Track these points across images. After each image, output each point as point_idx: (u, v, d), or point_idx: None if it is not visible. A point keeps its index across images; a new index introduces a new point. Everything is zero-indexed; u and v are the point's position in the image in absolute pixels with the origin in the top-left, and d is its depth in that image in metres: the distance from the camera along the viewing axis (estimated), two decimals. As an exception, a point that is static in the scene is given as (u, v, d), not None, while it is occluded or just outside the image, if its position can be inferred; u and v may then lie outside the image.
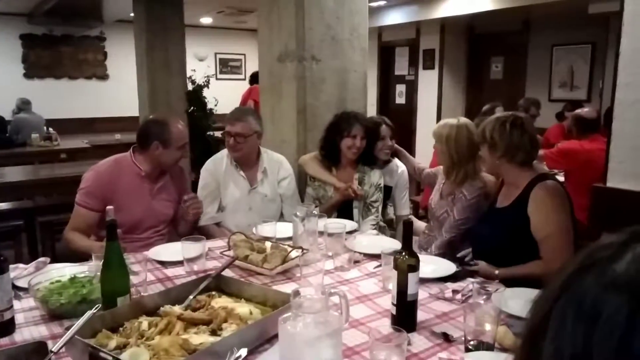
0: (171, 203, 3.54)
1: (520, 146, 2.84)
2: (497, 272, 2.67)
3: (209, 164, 3.86)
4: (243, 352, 1.71)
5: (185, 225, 3.53)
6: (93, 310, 1.82)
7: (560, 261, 2.57)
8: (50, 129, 9.48)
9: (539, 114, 6.88)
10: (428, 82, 11.14)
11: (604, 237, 0.64)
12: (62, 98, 11.97)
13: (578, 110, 5.58)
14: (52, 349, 1.66)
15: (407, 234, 2.08)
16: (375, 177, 3.90)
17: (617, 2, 3.16)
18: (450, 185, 3.50)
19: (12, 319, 2.02)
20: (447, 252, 3.27)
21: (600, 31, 8.22)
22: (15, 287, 2.22)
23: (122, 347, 1.75)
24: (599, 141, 4.80)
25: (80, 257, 3.06)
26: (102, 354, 1.61)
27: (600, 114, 5.63)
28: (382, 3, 9.91)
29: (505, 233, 2.86)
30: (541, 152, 5.57)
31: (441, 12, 9.53)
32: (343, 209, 3.83)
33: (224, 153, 3.83)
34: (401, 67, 12.12)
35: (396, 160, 4.16)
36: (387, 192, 4.07)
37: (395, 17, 10.49)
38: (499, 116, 3.00)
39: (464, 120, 3.55)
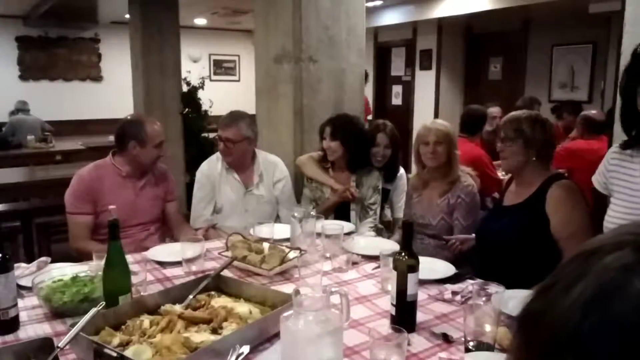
0: (157, 201, 3.60)
1: (550, 144, 2.90)
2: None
3: (203, 167, 3.87)
4: (245, 349, 1.72)
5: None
6: (98, 308, 1.84)
7: None
8: (47, 132, 9.47)
9: (539, 111, 6.85)
10: (425, 82, 11.11)
11: (604, 253, 0.63)
12: (56, 100, 11.97)
13: (586, 112, 5.57)
14: (59, 345, 1.68)
15: (407, 234, 2.09)
16: (373, 179, 3.88)
17: (618, 1, 3.14)
18: (437, 189, 3.49)
19: (16, 317, 2.04)
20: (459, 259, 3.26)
21: (601, 31, 8.18)
22: (18, 286, 2.23)
23: (124, 345, 1.77)
24: (605, 143, 4.81)
25: (78, 258, 3.07)
26: (106, 351, 1.62)
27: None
28: (378, 3, 9.90)
29: (516, 231, 2.85)
30: None
31: (438, 12, 9.49)
32: (340, 211, 3.82)
33: (218, 155, 3.83)
34: (397, 67, 12.10)
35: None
36: (385, 195, 4.05)
37: (391, 17, 10.47)
38: (530, 113, 2.99)
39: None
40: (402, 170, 4.18)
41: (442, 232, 3.45)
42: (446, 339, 1.97)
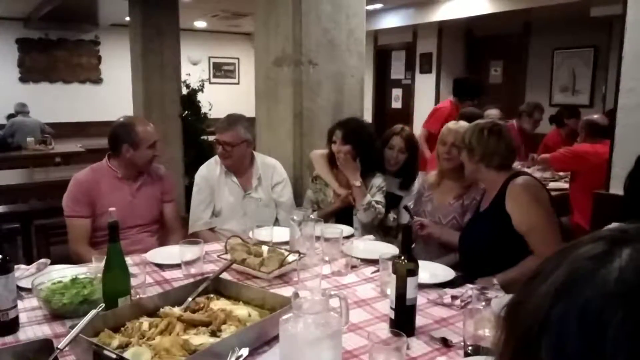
0: (154, 202, 3.61)
1: (496, 152, 2.95)
2: (494, 280, 2.68)
3: (202, 170, 3.87)
4: (244, 351, 1.72)
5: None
6: (98, 309, 1.84)
7: (553, 250, 2.63)
8: (46, 134, 9.47)
9: (542, 119, 6.82)
10: (425, 86, 11.12)
11: (581, 245, 0.67)
12: (56, 102, 11.99)
13: (589, 116, 5.56)
14: (59, 346, 1.68)
15: (406, 238, 2.09)
16: (379, 180, 3.80)
17: (619, 5, 3.14)
18: (452, 190, 3.49)
19: (16, 318, 2.04)
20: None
21: (602, 34, 8.17)
22: (17, 287, 2.22)
23: (124, 347, 1.77)
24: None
25: (77, 260, 3.08)
26: (106, 352, 1.63)
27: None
28: (378, 6, 9.89)
29: (489, 235, 2.94)
30: (546, 155, 5.55)
31: (438, 15, 9.49)
32: (342, 215, 3.78)
33: (217, 159, 3.83)
34: (397, 71, 12.11)
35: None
36: (397, 201, 4.01)
37: (391, 20, 10.47)
38: (478, 122, 3.12)
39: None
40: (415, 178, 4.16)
41: None
42: (445, 343, 1.96)
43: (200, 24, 12.43)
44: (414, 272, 2.02)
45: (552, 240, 2.74)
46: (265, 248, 2.85)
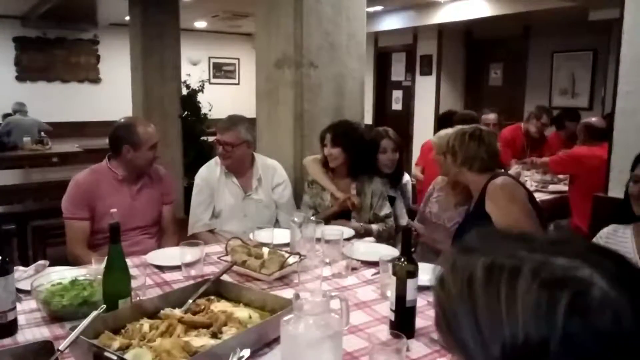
0: (154, 204, 3.59)
1: (477, 156, 3.08)
2: None
3: (202, 171, 3.86)
4: (246, 352, 1.72)
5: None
6: (99, 311, 1.84)
7: None
8: (42, 133, 9.44)
9: (549, 124, 6.80)
10: (425, 88, 11.12)
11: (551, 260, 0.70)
12: (54, 101, 11.94)
13: (587, 119, 5.58)
14: (59, 348, 1.68)
15: (406, 240, 2.10)
16: (377, 185, 3.79)
17: (618, 9, 3.15)
18: (457, 195, 3.51)
19: (15, 320, 2.03)
20: None
21: (601, 38, 8.17)
22: (16, 289, 2.22)
23: (124, 348, 1.77)
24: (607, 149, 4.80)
25: (74, 262, 3.08)
26: (106, 354, 1.63)
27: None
28: (378, 8, 9.87)
29: None
30: (545, 159, 5.57)
31: (439, 17, 9.49)
32: (342, 218, 3.76)
33: (217, 160, 3.82)
34: (398, 72, 12.10)
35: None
36: (391, 202, 4.01)
37: (392, 22, 10.47)
38: (462, 128, 3.27)
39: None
40: (407, 177, 4.16)
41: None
42: (445, 345, 1.97)
43: (201, 24, 12.41)
44: (414, 274, 2.03)
45: None
46: (265, 250, 2.85)
